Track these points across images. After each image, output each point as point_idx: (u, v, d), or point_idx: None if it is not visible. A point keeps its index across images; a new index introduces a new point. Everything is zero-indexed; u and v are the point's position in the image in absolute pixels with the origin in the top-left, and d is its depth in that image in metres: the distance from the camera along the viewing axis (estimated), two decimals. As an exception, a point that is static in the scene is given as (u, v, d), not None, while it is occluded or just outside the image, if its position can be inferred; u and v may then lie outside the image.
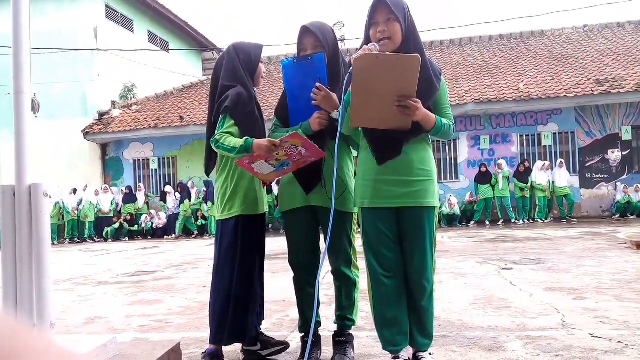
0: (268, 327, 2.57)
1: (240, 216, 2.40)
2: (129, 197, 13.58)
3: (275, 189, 12.61)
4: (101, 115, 15.16)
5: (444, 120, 2.11)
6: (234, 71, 2.46)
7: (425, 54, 2.11)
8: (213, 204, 11.56)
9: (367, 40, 2.12)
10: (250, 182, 2.43)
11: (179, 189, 13.47)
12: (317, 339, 2.48)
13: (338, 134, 2.08)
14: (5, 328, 0.28)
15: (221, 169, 2.48)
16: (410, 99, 1.94)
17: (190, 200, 13.08)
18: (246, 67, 2.46)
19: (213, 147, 2.37)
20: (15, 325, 0.29)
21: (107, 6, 15.85)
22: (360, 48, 2.07)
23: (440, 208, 2.29)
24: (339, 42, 2.47)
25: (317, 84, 2.22)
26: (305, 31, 2.31)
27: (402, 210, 2.12)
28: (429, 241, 2.14)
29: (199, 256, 8.00)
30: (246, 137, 2.27)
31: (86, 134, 14.57)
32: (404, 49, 2.05)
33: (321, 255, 2.31)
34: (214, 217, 2.76)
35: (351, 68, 1.98)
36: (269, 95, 14.23)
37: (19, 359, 0.27)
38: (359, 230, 2.28)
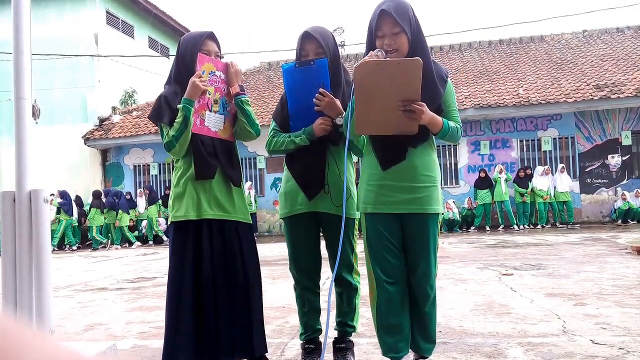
0: (268, 334, 2.55)
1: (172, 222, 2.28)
2: (130, 203, 13.56)
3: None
4: (102, 121, 15.19)
5: (451, 123, 2.08)
6: (170, 69, 2.36)
7: (430, 56, 2.10)
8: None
9: (371, 48, 2.09)
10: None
11: None
12: (317, 345, 2.47)
13: (347, 142, 2.06)
14: (4, 327, 0.27)
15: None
16: (415, 102, 1.91)
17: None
18: (181, 60, 2.29)
19: (174, 154, 2.23)
20: (16, 325, 0.28)
21: (107, 12, 15.90)
22: (366, 54, 2.05)
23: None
24: (339, 48, 2.47)
25: (321, 90, 2.20)
26: (307, 36, 2.29)
27: (406, 217, 2.10)
28: (433, 248, 2.12)
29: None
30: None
31: (86, 139, 14.58)
32: (410, 56, 2.03)
33: (335, 260, 2.30)
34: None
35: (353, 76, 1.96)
36: (268, 100, 14.25)
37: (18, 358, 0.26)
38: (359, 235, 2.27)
